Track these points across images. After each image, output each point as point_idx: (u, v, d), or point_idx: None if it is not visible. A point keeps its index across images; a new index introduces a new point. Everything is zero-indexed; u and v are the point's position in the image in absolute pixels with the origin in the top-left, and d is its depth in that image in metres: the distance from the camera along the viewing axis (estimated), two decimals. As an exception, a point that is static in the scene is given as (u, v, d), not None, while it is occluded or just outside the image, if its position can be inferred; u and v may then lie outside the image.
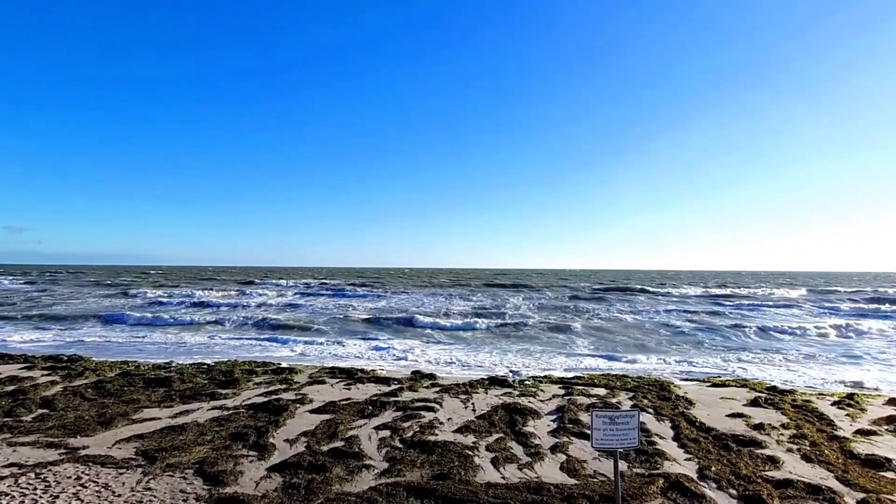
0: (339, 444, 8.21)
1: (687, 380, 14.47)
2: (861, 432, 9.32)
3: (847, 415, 10.43)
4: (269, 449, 7.87)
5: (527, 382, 13.02)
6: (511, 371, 15.43)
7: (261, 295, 49.35)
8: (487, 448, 8.14)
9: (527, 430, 9.01)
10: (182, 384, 12.38)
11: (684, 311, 37.65)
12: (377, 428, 9.10)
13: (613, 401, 11.33)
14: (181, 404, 10.62)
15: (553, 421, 9.69)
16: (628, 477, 6.96)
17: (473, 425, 9.22)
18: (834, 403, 11.31)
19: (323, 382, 12.85)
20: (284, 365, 15.44)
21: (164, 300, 41.95)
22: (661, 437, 8.81)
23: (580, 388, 12.49)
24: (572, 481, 6.88)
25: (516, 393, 11.79)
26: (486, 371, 15.36)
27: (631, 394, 11.90)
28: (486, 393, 11.90)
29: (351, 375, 13.69)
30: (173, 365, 15.35)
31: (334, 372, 14.21)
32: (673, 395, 11.66)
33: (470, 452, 7.86)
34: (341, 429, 8.96)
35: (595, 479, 6.94)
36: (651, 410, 10.44)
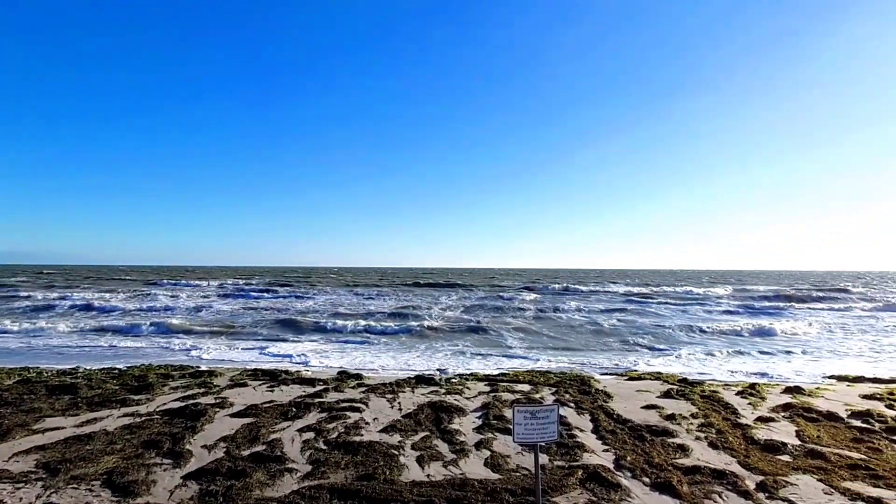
0: (260, 448, 7.96)
1: (606, 374, 15.12)
2: (761, 419, 10.08)
3: (749, 403, 11.24)
4: (185, 456, 7.51)
5: (453, 380, 13.15)
6: (438, 369, 15.53)
7: (171, 297, 46.92)
8: (413, 447, 8.14)
9: (452, 428, 9.10)
10: (90, 390, 11.58)
11: (608, 310, 39.26)
12: (301, 430, 8.89)
13: (537, 396, 11.66)
14: (88, 412, 9.93)
15: (478, 418, 9.84)
16: (549, 469, 7.18)
17: (399, 424, 9.20)
18: (738, 393, 12.15)
19: (245, 385, 12.40)
20: (204, 368, 14.78)
21: (54, 303, 38.28)
22: (581, 430, 9.15)
23: (505, 384, 12.76)
24: (496, 476, 7.01)
25: (443, 391, 11.88)
26: (413, 370, 15.36)
27: (554, 389, 12.29)
28: (413, 392, 11.91)
29: (274, 377, 13.30)
30: (80, 370, 14.33)
31: (257, 374, 13.76)
32: (593, 390, 12.14)
33: (395, 452, 7.84)
34: (263, 432, 8.69)
35: (517, 474, 7.11)
36: (572, 404, 10.82)
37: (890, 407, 10.99)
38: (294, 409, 10.10)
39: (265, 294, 52.39)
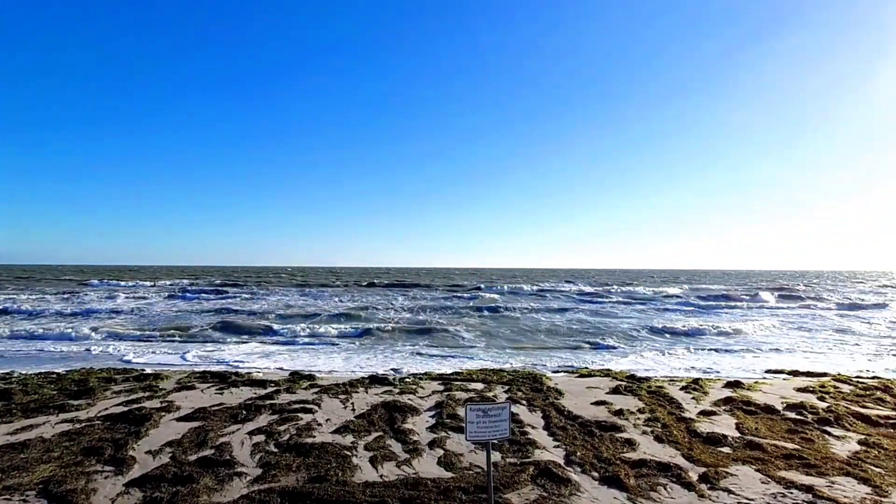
0: (208, 452, 7.74)
1: (558, 372, 15.41)
2: (704, 413, 10.48)
3: (693, 398, 11.68)
4: (128, 462, 7.22)
5: (407, 380, 13.13)
6: (392, 369, 15.48)
7: (110, 298, 45.09)
8: (366, 447, 8.09)
9: (406, 428, 9.08)
10: (25, 396, 10.98)
11: (561, 308, 40.00)
12: (251, 433, 8.70)
13: (490, 394, 11.77)
14: (23, 419, 9.42)
15: (432, 417, 9.87)
16: (501, 467, 7.26)
17: (353, 425, 9.12)
18: (682, 388, 12.61)
19: (193, 388, 12.03)
20: (149, 371, 14.25)
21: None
22: (533, 427, 9.30)
23: (459, 383, 12.83)
24: (449, 475, 7.05)
25: (396, 391, 11.84)
26: (367, 371, 15.26)
27: (506, 387, 12.44)
28: (367, 392, 11.83)
29: (224, 379, 12.95)
30: (14, 375, 13.57)
31: (205, 376, 13.37)
32: (545, 387, 12.35)
33: (348, 453, 7.77)
34: (211, 436, 8.45)
35: (470, 472, 7.17)
36: (524, 402, 10.98)
37: (821, 399, 11.63)
38: (244, 412, 9.87)
39: (212, 295, 50.91)
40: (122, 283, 68.91)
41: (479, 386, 12.63)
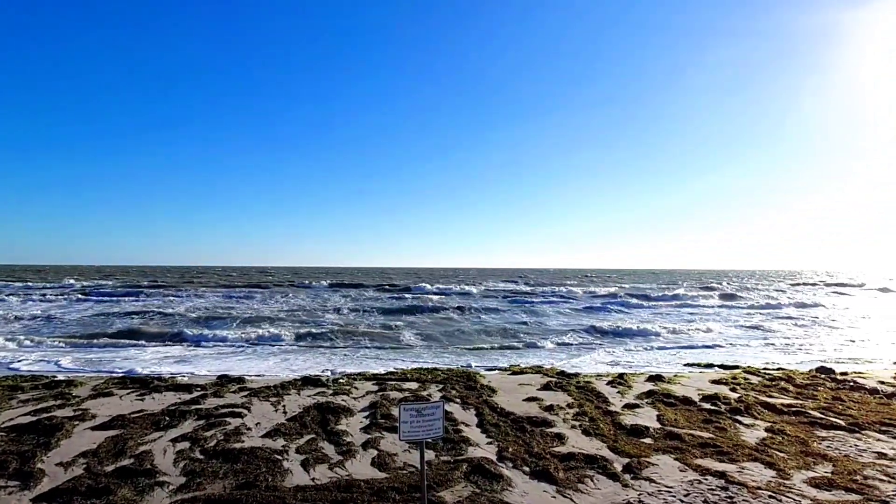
0: (127, 462, 7.33)
1: (492, 369, 15.68)
2: (628, 406, 10.97)
3: (618, 392, 12.19)
4: (35, 476, 6.72)
5: (341, 381, 12.95)
6: (326, 370, 15.24)
7: (19, 300, 41.90)
8: (298, 450, 7.92)
9: (339, 429, 8.96)
10: (-89, 408, 9.99)
11: (497, 308, 40.63)
12: (175, 440, 8.31)
13: (424, 393, 11.81)
14: None
15: (366, 417, 9.78)
16: (435, 465, 7.31)
17: (284, 428, 8.90)
18: (609, 383, 13.12)
19: (110, 395, 11.34)
20: (61, 377, 13.31)
21: None
22: (467, 425, 9.41)
23: (394, 383, 12.79)
24: (382, 475, 7.01)
25: (330, 392, 11.66)
26: (300, 372, 14.93)
27: (441, 386, 12.52)
28: (300, 394, 11.57)
29: (146, 385, 12.30)
30: None
31: (125, 382, 12.64)
32: (478, 385, 12.53)
33: (279, 457, 7.58)
34: (131, 444, 8.00)
35: (404, 471, 7.17)
36: (458, 400, 11.10)
37: (733, 390, 12.44)
38: (167, 418, 9.41)
39: (131, 296, 48.18)
40: (29, 284, 63.87)
41: (414, 385, 12.64)
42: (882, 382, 13.32)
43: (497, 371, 15.34)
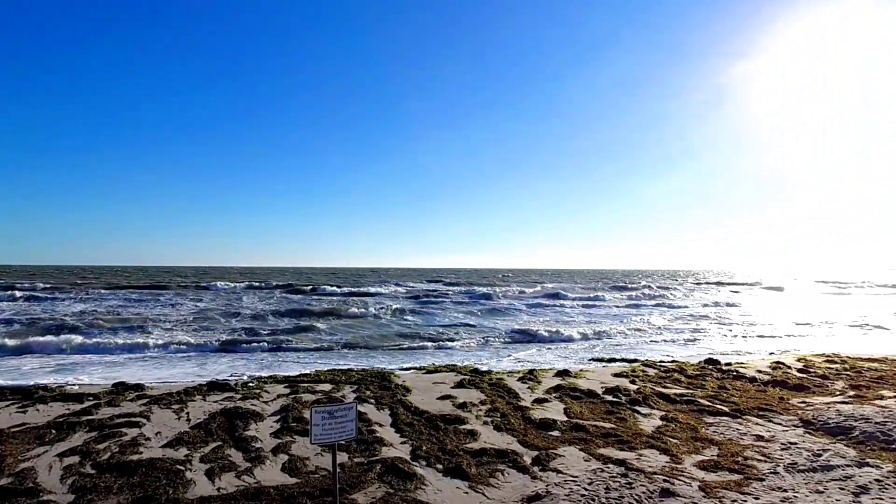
0: (5, 481, 6.65)
1: (407, 369, 15.70)
2: (537, 401, 11.38)
3: (528, 388, 12.61)
4: None
5: (251, 385, 12.47)
6: (234, 375, 14.60)
7: None
8: (203, 459, 7.54)
9: (248, 435, 8.63)
10: None
11: (409, 309, 40.68)
12: (62, 454, 7.64)
13: (338, 395, 11.63)
14: None
15: (277, 422, 9.49)
16: (348, 467, 7.23)
17: (187, 436, 8.44)
18: (520, 379, 13.55)
19: (-17, 407, 10.24)
20: (-79, 390, 11.84)
21: None
22: (381, 425, 9.37)
23: (306, 385, 12.49)
24: (293, 480, 6.84)
25: (238, 397, 11.18)
26: (206, 378, 14.20)
27: (355, 386, 12.38)
28: (205, 400, 11.01)
29: (29, 395, 11.20)
30: None
31: (3, 393, 11.46)
32: (393, 385, 12.52)
33: (181, 467, 7.18)
34: (10, 461, 7.28)
35: (316, 475, 7.03)
36: (373, 400, 11.03)
37: (633, 382, 13.25)
38: (54, 431, 8.64)
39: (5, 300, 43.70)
40: None
41: (328, 387, 12.41)
42: (759, 371, 14.70)
43: (412, 370, 15.39)
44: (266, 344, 21.13)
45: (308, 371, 14.97)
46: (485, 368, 15.71)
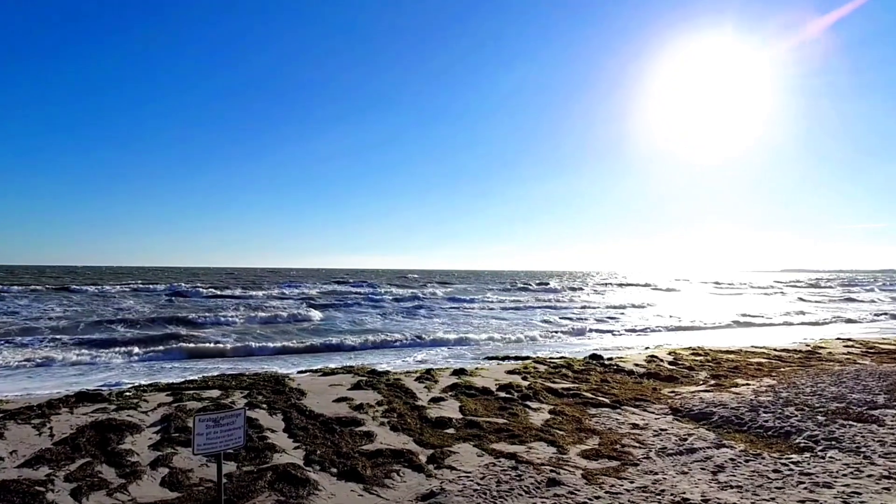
0: None
1: (303, 372, 15.27)
2: (434, 400, 11.53)
3: (425, 387, 12.73)
4: None
5: (127, 394, 11.49)
6: (109, 384, 13.41)
7: None
8: (68, 478, 6.84)
9: (123, 449, 7.95)
10: None
11: (317, 307, 39.57)
12: None
13: (227, 401, 11.05)
14: None
15: (157, 433, 8.82)
16: (237, 476, 6.90)
17: (50, 454, 7.61)
18: (417, 379, 13.64)
19: None
20: None
21: None
22: (273, 431, 9.04)
23: (192, 392, 11.74)
24: (174, 495, 6.41)
25: (113, 408, 10.25)
26: (76, 387, 12.91)
27: (246, 392, 11.82)
28: (73, 412, 9.98)
29: None
30: None
31: None
32: (287, 388, 12.11)
33: (42, 488, 6.46)
34: None
35: (200, 488, 6.63)
36: (265, 406, 10.59)
37: (524, 378, 13.82)
38: None
39: None
40: None
41: (216, 393, 11.74)
42: (637, 365, 15.91)
43: (308, 373, 14.98)
44: (148, 348, 19.59)
45: (195, 377, 14.07)
46: (383, 369, 15.65)
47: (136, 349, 19.43)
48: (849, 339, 22.51)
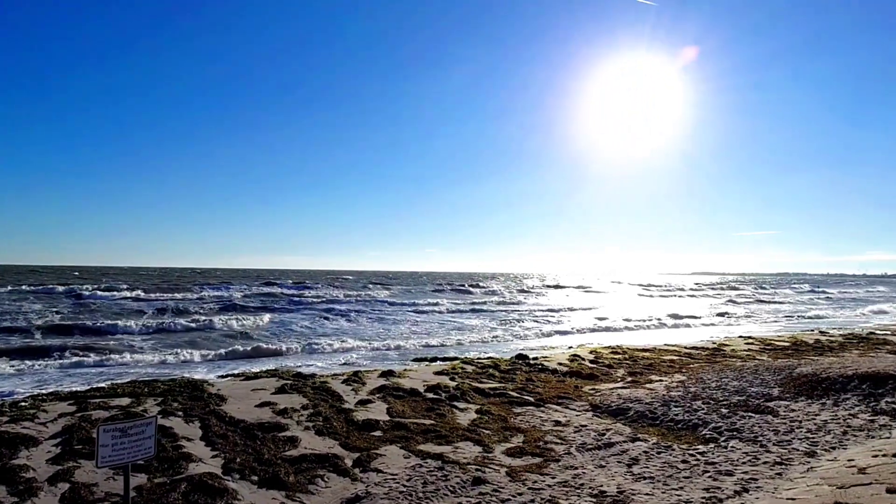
0: None
1: (224, 377, 14.65)
2: (361, 402, 11.38)
3: (353, 389, 12.55)
4: None
5: (23, 404, 10.55)
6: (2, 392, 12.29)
7: None
8: (-50, 499, 6.19)
9: (16, 465, 7.27)
10: None
11: (243, 309, 38.07)
12: None
13: (139, 409, 10.39)
14: None
15: (57, 446, 8.14)
16: (147, 489, 6.49)
17: (-72, 473, 6.86)
18: (344, 381, 13.41)
19: None
20: None
21: None
22: (189, 439, 8.59)
23: (99, 400, 10.94)
24: (76, 511, 5.95)
25: (6, 419, 9.37)
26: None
27: (160, 399, 11.17)
28: (-42, 426, 9.05)
29: None
30: None
31: None
32: (206, 394, 11.56)
33: (-82, 511, 5.82)
34: None
35: (106, 503, 6.20)
36: (181, 413, 10.05)
37: (452, 379, 13.93)
38: None
39: None
40: None
41: (126, 401, 11.01)
42: (560, 364, 16.43)
43: (229, 378, 14.37)
44: (50, 353, 18.12)
45: (102, 384, 13.15)
46: (310, 372, 15.28)
47: (31, 358, 17.91)
48: (749, 337, 24.30)
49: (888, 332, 25.77)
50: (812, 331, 27.89)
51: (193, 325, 29.34)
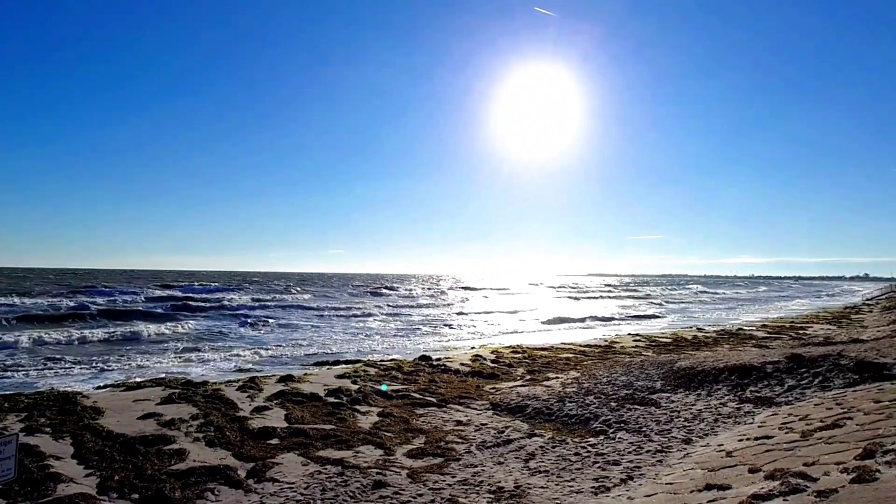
0: None
1: (102, 387, 13.44)
2: (258, 409, 10.89)
3: (248, 396, 11.98)
4: None
5: None
6: None
7: None
8: None
9: None
10: None
11: (128, 314, 35.16)
12: None
13: (-2, 427, 9.27)
14: None
15: None
16: (6, 516, 5.80)
17: None
18: (239, 388, 12.76)
19: None
20: None
21: None
22: (59, 458, 7.77)
23: (-53, 419, 9.63)
24: (-86, 547, 5.19)
25: None
26: None
27: (24, 414, 10.00)
28: None
29: None
30: None
31: None
32: (79, 407, 10.50)
33: None
34: None
35: (-47, 534, 5.46)
36: (48, 430, 9.05)
37: (354, 382, 13.71)
38: None
39: None
40: None
41: (-20, 419, 9.77)
42: (463, 364, 16.73)
43: (108, 388, 13.19)
44: None
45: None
46: (201, 380, 14.39)
47: None
48: (637, 335, 26.12)
49: (753, 328, 28.72)
50: (690, 328, 30.48)
51: (70, 326, 26.69)
